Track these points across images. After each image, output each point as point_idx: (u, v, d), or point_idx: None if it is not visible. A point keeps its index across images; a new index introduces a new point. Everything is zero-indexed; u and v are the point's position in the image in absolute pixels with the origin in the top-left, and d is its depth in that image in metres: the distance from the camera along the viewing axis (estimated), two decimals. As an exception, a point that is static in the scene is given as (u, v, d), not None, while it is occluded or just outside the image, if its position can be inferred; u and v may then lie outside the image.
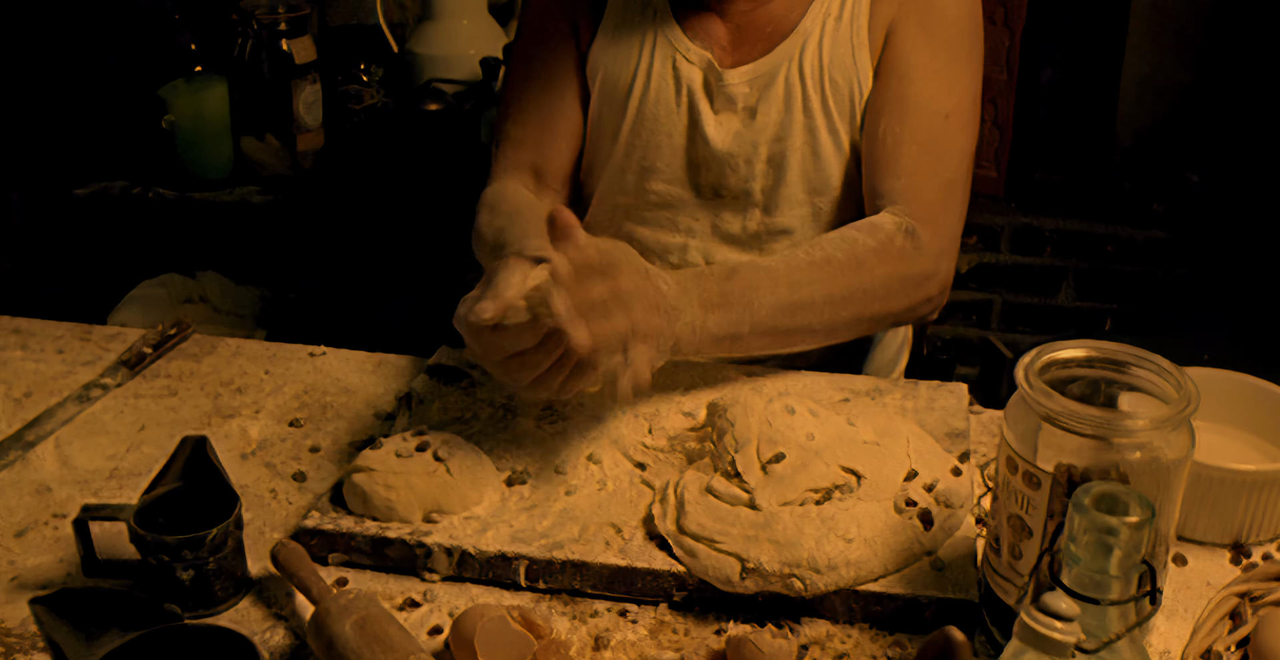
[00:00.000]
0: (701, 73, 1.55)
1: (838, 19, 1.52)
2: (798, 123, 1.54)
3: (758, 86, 1.54)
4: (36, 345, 1.60)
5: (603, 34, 1.60)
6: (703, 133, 1.56)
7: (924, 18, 1.50)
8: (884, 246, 1.42)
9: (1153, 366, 1.04)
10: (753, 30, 1.55)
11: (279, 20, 2.36)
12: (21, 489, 1.31)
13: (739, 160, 1.56)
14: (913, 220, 1.46)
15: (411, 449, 1.22)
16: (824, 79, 1.53)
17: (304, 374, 1.54)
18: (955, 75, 1.51)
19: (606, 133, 1.62)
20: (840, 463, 1.18)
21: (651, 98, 1.57)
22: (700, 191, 1.60)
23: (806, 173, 1.56)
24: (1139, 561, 0.77)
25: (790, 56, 1.53)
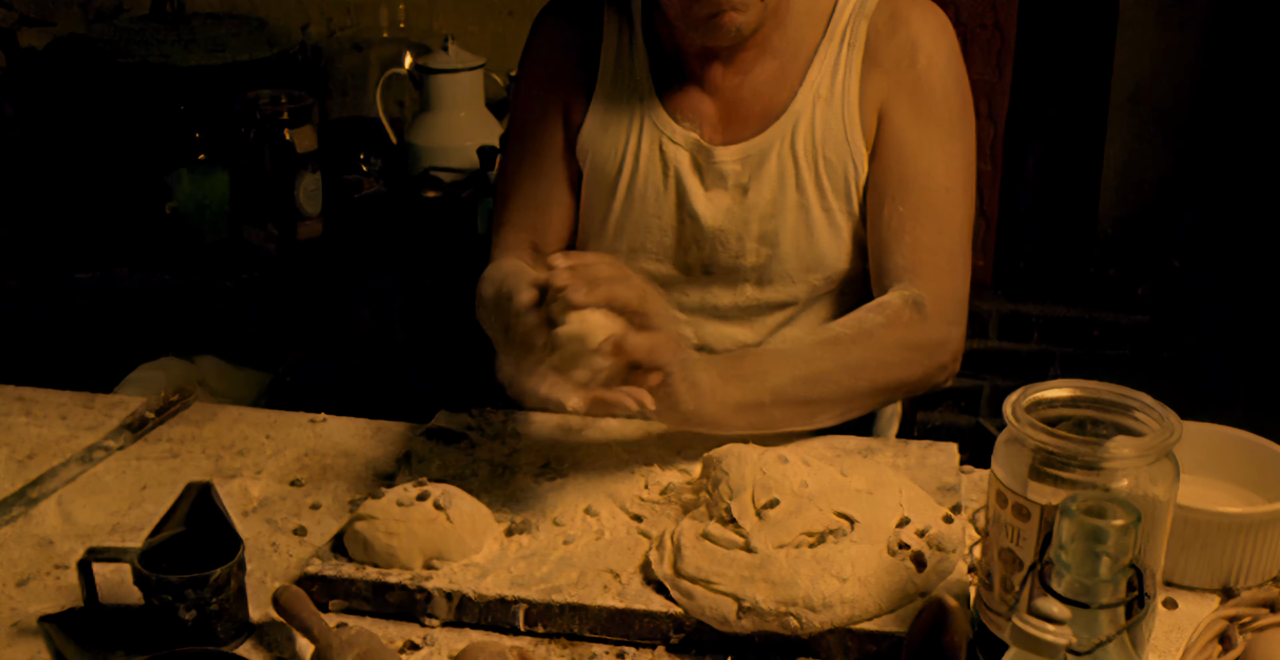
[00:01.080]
0: (689, 152, 1.58)
1: (828, 100, 1.56)
2: (791, 201, 1.57)
3: (750, 164, 1.57)
4: (40, 412, 1.62)
5: (591, 117, 1.63)
6: (692, 210, 1.58)
7: (914, 96, 1.54)
8: (892, 320, 1.45)
9: (1136, 403, 1.07)
10: (742, 108, 1.58)
11: (281, 110, 2.42)
12: (24, 542, 1.32)
13: (730, 236, 1.59)
14: (919, 293, 1.48)
15: (413, 498, 1.24)
16: (818, 158, 1.56)
17: (304, 439, 1.56)
18: (951, 149, 1.54)
19: (596, 215, 1.65)
20: (834, 508, 1.20)
21: (639, 180, 1.60)
22: (690, 270, 1.62)
23: (800, 250, 1.58)
24: (1126, 565, 0.79)
25: (782, 136, 1.56)
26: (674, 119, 1.59)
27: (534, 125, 1.67)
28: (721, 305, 1.62)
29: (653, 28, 1.62)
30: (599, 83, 1.63)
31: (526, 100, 1.68)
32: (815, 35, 1.57)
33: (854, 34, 1.56)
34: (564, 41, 1.65)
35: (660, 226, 1.61)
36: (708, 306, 1.63)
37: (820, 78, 1.56)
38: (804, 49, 1.57)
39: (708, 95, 1.59)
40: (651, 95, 1.61)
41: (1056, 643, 0.76)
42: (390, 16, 2.91)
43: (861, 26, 1.56)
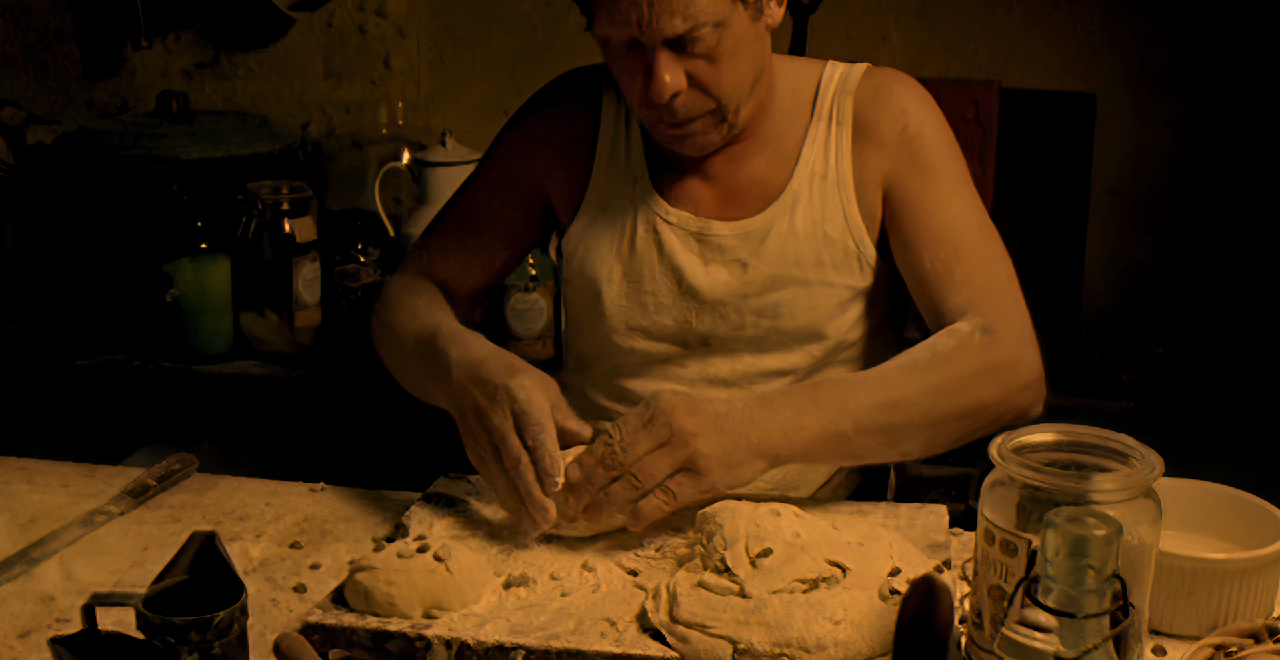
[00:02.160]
0: (686, 231, 1.62)
1: (823, 178, 1.60)
2: (791, 277, 1.60)
3: (749, 241, 1.60)
4: (42, 481, 1.64)
5: (587, 206, 1.67)
6: (690, 286, 1.61)
7: (915, 161, 1.58)
8: (964, 343, 1.45)
9: (1119, 445, 1.10)
10: (739, 192, 1.63)
11: (282, 201, 2.48)
12: (25, 598, 1.33)
13: (729, 309, 1.62)
14: (985, 320, 1.48)
15: (413, 550, 1.26)
16: (819, 235, 1.60)
17: (304, 506, 1.58)
18: (966, 195, 1.58)
19: (591, 300, 1.68)
20: (826, 557, 1.22)
21: (636, 262, 1.63)
22: (688, 343, 1.65)
23: (799, 322, 1.61)
24: (1110, 576, 0.82)
25: (782, 215, 1.60)
26: (668, 202, 1.63)
27: (502, 190, 1.70)
28: (720, 374, 1.65)
29: None
30: (594, 171, 1.67)
31: (507, 152, 1.71)
32: (803, 117, 1.63)
33: (840, 112, 1.61)
34: (561, 126, 1.69)
35: (657, 305, 1.64)
36: (707, 376, 1.65)
37: (814, 157, 1.61)
38: (794, 131, 1.63)
39: (703, 182, 1.64)
40: (646, 180, 1.65)
41: (1045, 650, 0.79)
42: (389, 115, 2.99)
43: (847, 104, 1.61)
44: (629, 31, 1.44)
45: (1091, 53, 2.71)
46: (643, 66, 1.47)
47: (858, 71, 1.64)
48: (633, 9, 1.42)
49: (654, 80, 1.46)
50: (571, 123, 1.69)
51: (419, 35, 3.00)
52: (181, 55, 3.07)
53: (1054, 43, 2.73)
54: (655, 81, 1.46)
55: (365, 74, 3.04)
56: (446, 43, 3.00)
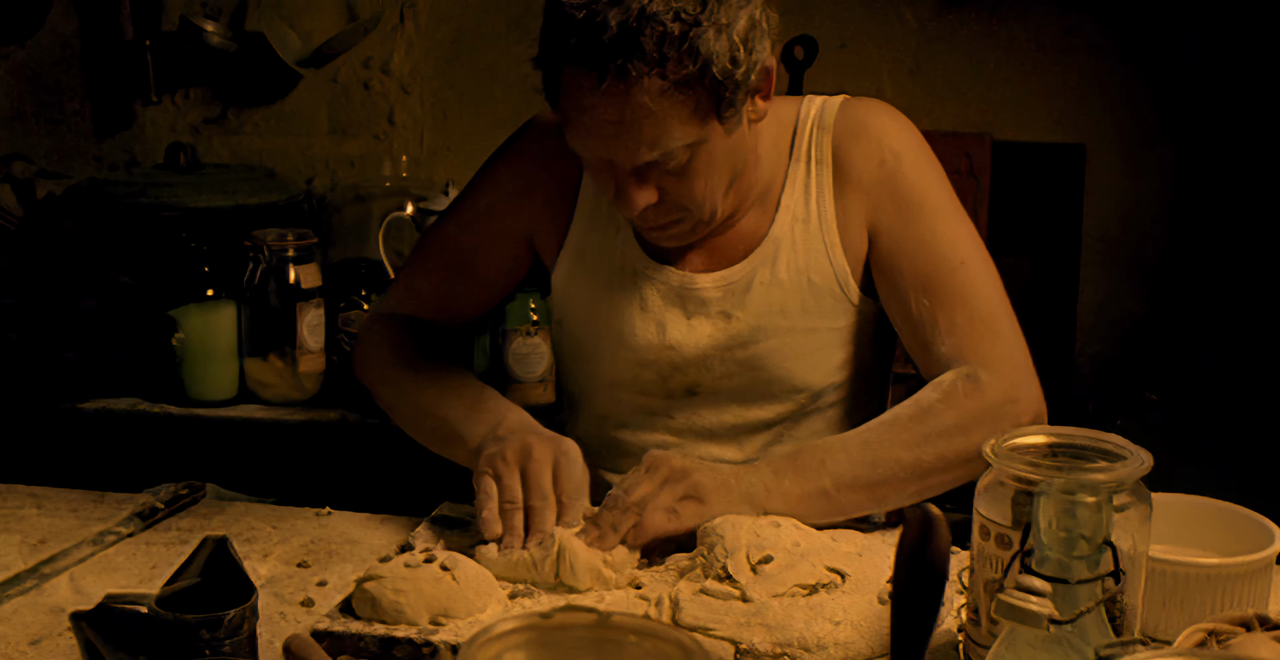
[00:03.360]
0: (666, 284, 1.60)
1: (805, 222, 1.58)
2: (777, 326, 1.58)
3: (732, 292, 1.59)
4: (51, 506, 1.66)
5: (567, 252, 1.66)
6: (672, 340, 1.60)
7: (897, 199, 1.55)
8: (947, 394, 1.45)
9: (1109, 444, 1.13)
10: (722, 243, 1.61)
11: (287, 247, 2.51)
12: (37, 609, 1.35)
13: (713, 361, 1.60)
14: (972, 368, 1.47)
15: (419, 561, 1.29)
16: (803, 281, 1.58)
17: (310, 529, 1.60)
18: (952, 230, 1.55)
19: (578, 347, 1.69)
20: (825, 564, 1.25)
21: (617, 318, 1.62)
22: (673, 395, 1.63)
23: (784, 371, 1.60)
24: (1101, 543, 0.84)
25: (764, 263, 1.58)
26: (651, 257, 1.62)
27: (484, 228, 1.69)
28: (707, 425, 1.64)
29: None
30: (577, 214, 1.65)
31: (490, 191, 1.69)
32: (783, 159, 1.60)
33: (819, 150, 1.59)
34: (544, 159, 1.65)
35: (640, 361, 1.62)
36: (694, 427, 1.64)
37: (794, 201, 1.59)
38: (776, 175, 1.60)
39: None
40: (627, 230, 1.62)
41: (1040, 613, 0.81)
42: (393, 169, 3.04)
43: (825, 141, 1.59)
44: (598, 155, 1.45)
45: (1080, 105, 2.77)
46: (613, 180, 1.47)
47: (834, 105, 1.61)
48: (600, 142, 1.42)
49: (624, 201, 1.46)
50: (555, 165, 1.64)
51: (423, 91, 3.06)
52: (190, 111, 3.13)
53: (1044, 96, 2.79)
54: (623, 200, 1.46)
55: (370, 129, 3.09)
56: (450, 99, 3.06)
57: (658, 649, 0.63)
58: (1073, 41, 2.75)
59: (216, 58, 3.02)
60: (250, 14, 3.05)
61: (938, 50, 2.81)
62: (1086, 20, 2.74)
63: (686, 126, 1.41)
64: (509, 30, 3.00)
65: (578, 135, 1.45)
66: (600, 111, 1.39)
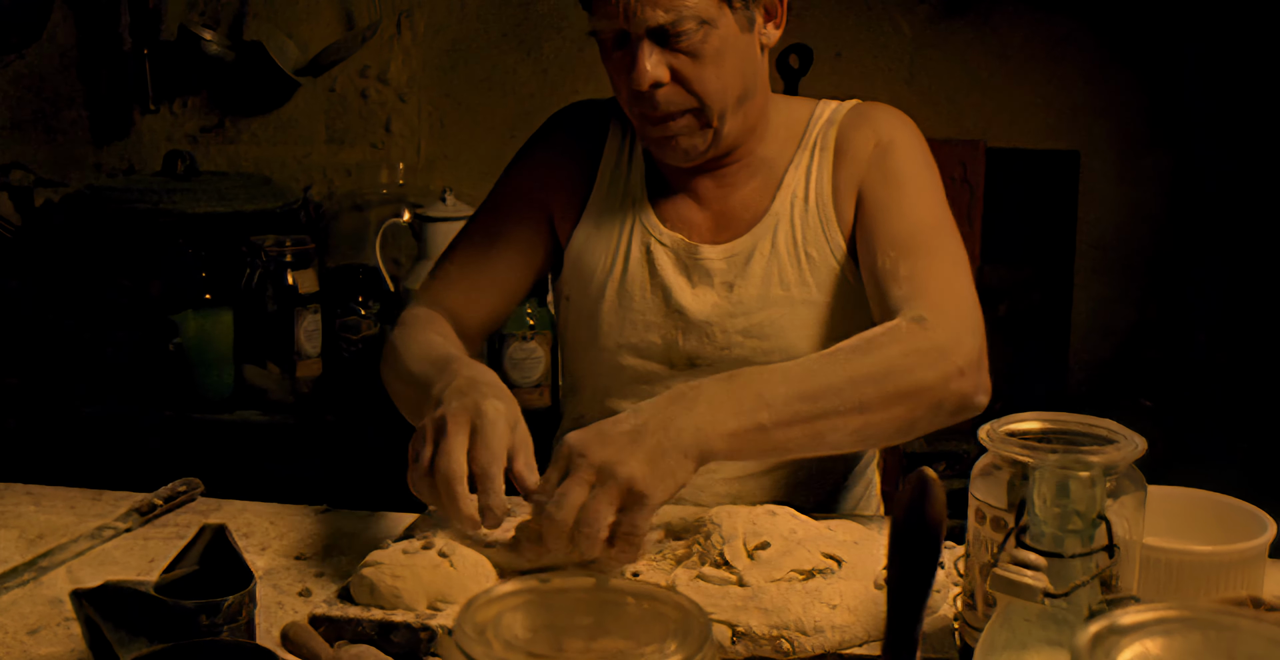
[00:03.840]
0: (676, 252, 1.67)
1: (805, 200, 1.65)
2: (775, 296, 1.64)
3: (735, 263, 1.65)
4: (48, 503, 1.67)
5: (584, 221, 1.72)
6: (678, 305, 1.65)
7: (884, 170, 1.62)
8: (891, 331, 1.43)
9: (1103, 430, 1.14)
10: (730, 216, 1.68)
11: (285, 252, 2.53)
12: (35, 601, 1.35)
13: (715, 329, 1.65)
14: (920, 312, 1.46)
15: (418, 548, 1.29)
16: (800, 255, 1.64)
17: (307, 525, 1.61)
18: (927, 198, 1.61)
19: (585, 314, 1.72)
20: (822, 551, 1.25)
21: (627, 280, 1.68)
22: (674, 364, 1.68)
23: (784, 342, 1.64)
24: (1095, 518, 0.85)
25: (765, 236, 1.65)
26: (663, 224, 1.68)
27: (511, 212, 1.74)
28: None
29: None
30: (595, 190, 1.72)
31: (515, 187, 1.76)
32: (792, 146, 1.69)
33: (825, 140, 1.67)
34: (567, 146, 1.75)
35: (646, 323, 1.67)
36: None
37: (796, 182, 1.66)
38: (782, 159, 1.68)
39: (698, 206, 1.69)
40: (644, 202, 1.70)
41: (1034, 586, 0.82)
42: (390, 177, 3.06)
43: (832, 133, 1.67)
44: (616, 23, 1.51)
45: (1074, 112, 2.79)
46: (628, 57, 1.53)
47: (846, 106, 1.71)
48: (617, 5, 1.49)
49: (635, 68, 1.52)
50: (577, 144, 1.74)
51: (420, 100, 3.08)
52: (188, 120, 3.14)
53: (1038, 104, 2.81)
54: (637, 70, 1.52)
55: (367, 138, 3.11)
56: (446, 108, 3.08)
57: (655, 610, 0.63)
58: (1066, 49, 2.77)
59: (214, 66, 3.03)
60: (248, 23, 3.07)
61: (932, 58, 2.83)
62: (1079, 28, 2.76)
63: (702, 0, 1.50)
64: (505, 39, 3.02)
65: (600, 3, 1.52)
66: None
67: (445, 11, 3.03)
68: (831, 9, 2.83)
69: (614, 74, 1.59)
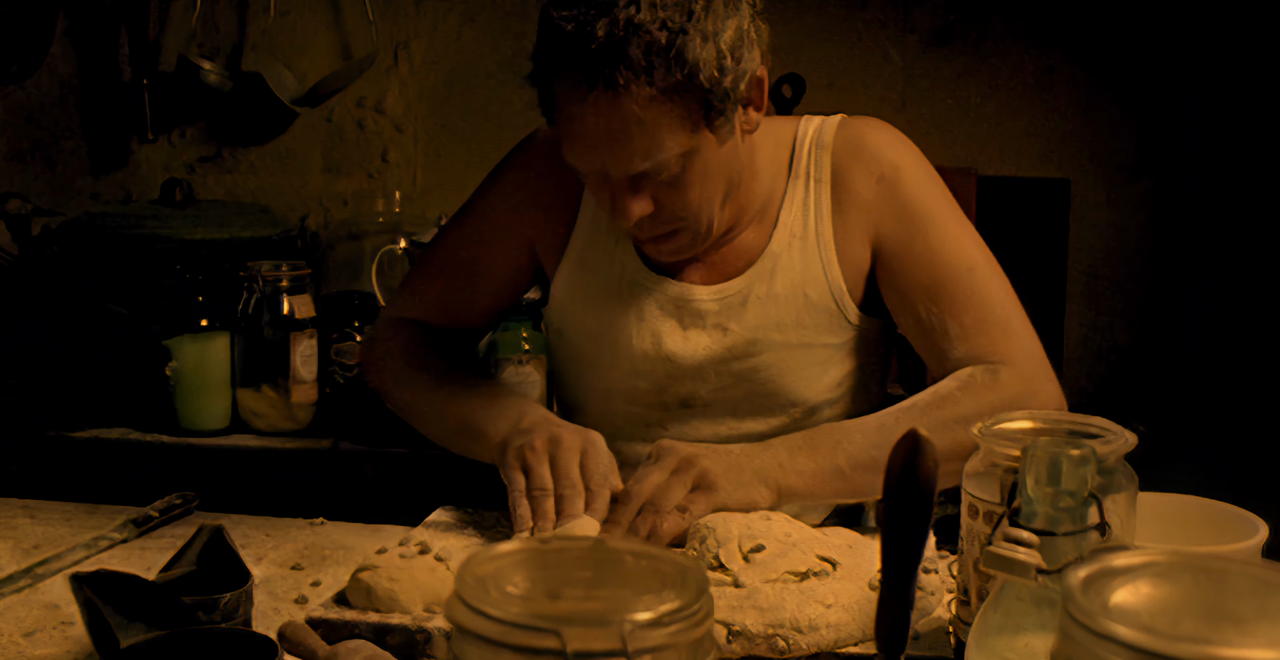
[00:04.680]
0: (666, 296, 1.62)
1: (803, 238, 1.60)
2: (773, 341, 1.59)
3: (728, 305, 1.60)
4: (44, 516, 1.67)
5: (568, 262, 1.67)
6: (670, 352, 1.61)
7: (899, 212, 1.57)
8: (966, 385, 1.46)
9: (1094, 428, 1.15)
10: (723, 257, 1.63)
11: (282, 278, 2.54)
12: (31, 605, 1.36)
13: (709, 372, 1.61)
14: (989, 363, 1.48)
15: (414, 552, 1.30)
16: (799, 296, 1.59)
17: (304, 536, 1.61)
18: (956, 236, 1.58)
19: (573, 357, 1.71)
20: (817, 554, 1.26)
21: (614, 327, 1.63)
22: (668, 407, 1.65)
23: (779, 386, 1.61)
24: (1086, 497, 0.86)
25: (761, 278, 1.60)
26: (650, 266, 1.63)
27: (489, 237, 1.70)
28: (702, 438, 1.62)
29: None
30: (578, 225, 1.67)
31: (494, 209, 1.70)
32: (782, 176, 1.62)
33: (818, 169, 1.61)
34: (548, 170, 1.65)
35: (635, 370, 1.63)
36: (689, 440, 1.60)
37: (792, 219, 1.60)
38: (775, 192, 1.62)
39: None
40: (626, 241, 1.64)
41: (1028, 562, 0.83)
42: (386, 206, 3.07)
43: (824, 159, 1.61)
44: (593, 167, 1.47)
45: (1064, 140, 2.82)
46: (609, 192, 1.49)
47: (832, 124, 1.64)
48: (593, 152, 1.44)
49: (616, 209, 1.48)
50: (558, 176, 1.63)
51: (416, 130, 3.11)
52: (185, 150, 3.17)
53: (1028, 133, 2.84)
54: (618, 210, 1.48)
55: (363, 168, 3.13)
56: (443, 138, 3.10)
57: (653, 565, 0.64)
58: (1055, 78, 2.81)
59: (212, 96, 3.06)
60: (246, 55, 3.10)
61: (923, 88, 2.86)
62: (1068, 58, 2.79)
63: (677, 135, 1.42)
64: (500, 70, 3.05)
65: (572, 147, 1.47)
66: (591, 121, 1.41)
67: (442, 43, 3.06)
68: (824, 39, 2.86)
69: (594, 192, 1.54)
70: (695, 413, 1.65)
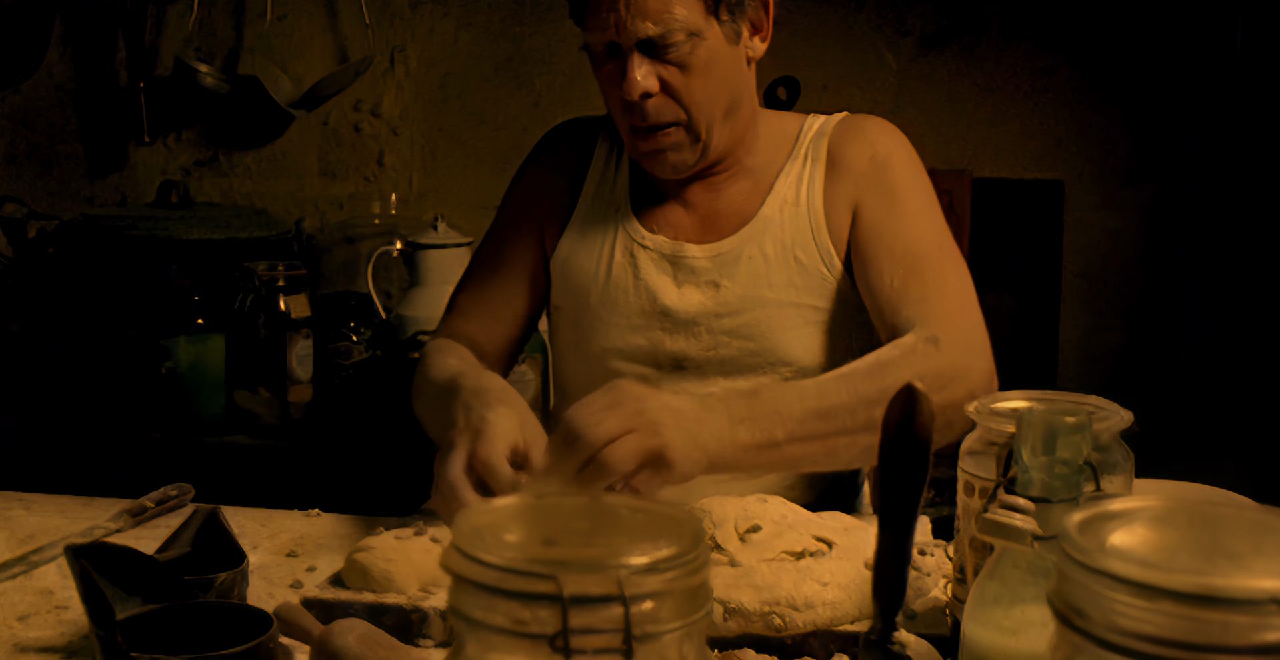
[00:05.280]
0: (660, 254, 1.68)
1: (795, 205, 1.67)
2: (762, 298, 1.64)
3: (721, 263, 1.66)
4: (39, 508, 1.67)
5: (570, 229, 1.74)
6: (664, 306, 1.66)
7: (880, 186, 1.64)
8: (906, 353, 1.47)
9: (1090, 406, 1.15)
10: (715, 219, 1.69)
11: (278, 278, 2.55)
12: (25, 591, 1.35)
13: (702, 329, 1.66)
14: (933, 332, 1.50)
15: (410, 534, 1.30)
16: (790, 258, 1.64)
17: (299, 526, 1.61)
18: (930, 218, 1.63)
19: (572, 324, 1.74)
20: (813, 534, 1.26)
21: (612, 285, 1.68)
22: (661, 366, 1.68)
23: (770, 344, 1.65)
24: (1081, 465, 0.86)
25: (753, 238, 1.66)
26: (647, 228, 1.70)
27: (510, 233, 1.78)
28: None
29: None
30: (581, 200, 1.75)
31: (510, 209, 1.80)
32: (783, 156, 1.71)
33: (816, 150, 1.69)
34: (557, 162, 1.78)
35: (632, 325, 1.68)
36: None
37: (786, 188, 1.68)
38: (772, 167, 1.70)
39: (683, 209, 1.71)
40: (627, 209, 1.72)
41: (1024, 528, 0.83)
42: (382, 209, 3.08)
43: (823, 144, 1.69)
44: (607, 35, 1.54)
45: (1058, 144, 2.83)
46: (620, 71, 1.56)
47: (836, 118, 1.73)
48: (610, 12, 1.52)
49: (626, 79, 1.55)
50: (565, 159, 1.77)
51: (412, 134, 3.11)
52: (181, 153, 3.17)
53: (1022, 135, 2.85)
54: (627, 80, 1.55)
55: (359, 171, 3.14)
56: (439, 141, 3.11)
57: (650, 518, 0.64)
58: (1049, 81, 2.82)
59: (209, 99, 3.07)
60: (243, 58, 3.11)
61: (917, 91, 2.88)
62: (1061, 60, 2.81)
63: (685, 11, 1.53)
64: (497, 74, 3.06)
65: (591, 16, 1.55)
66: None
67: (438, 46, 3.07)
68: (819, 42, 2.88)
69: (605, 86, 1.62)
70: (688, 373, 1.68)
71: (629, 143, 1.65)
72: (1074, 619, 0.53)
